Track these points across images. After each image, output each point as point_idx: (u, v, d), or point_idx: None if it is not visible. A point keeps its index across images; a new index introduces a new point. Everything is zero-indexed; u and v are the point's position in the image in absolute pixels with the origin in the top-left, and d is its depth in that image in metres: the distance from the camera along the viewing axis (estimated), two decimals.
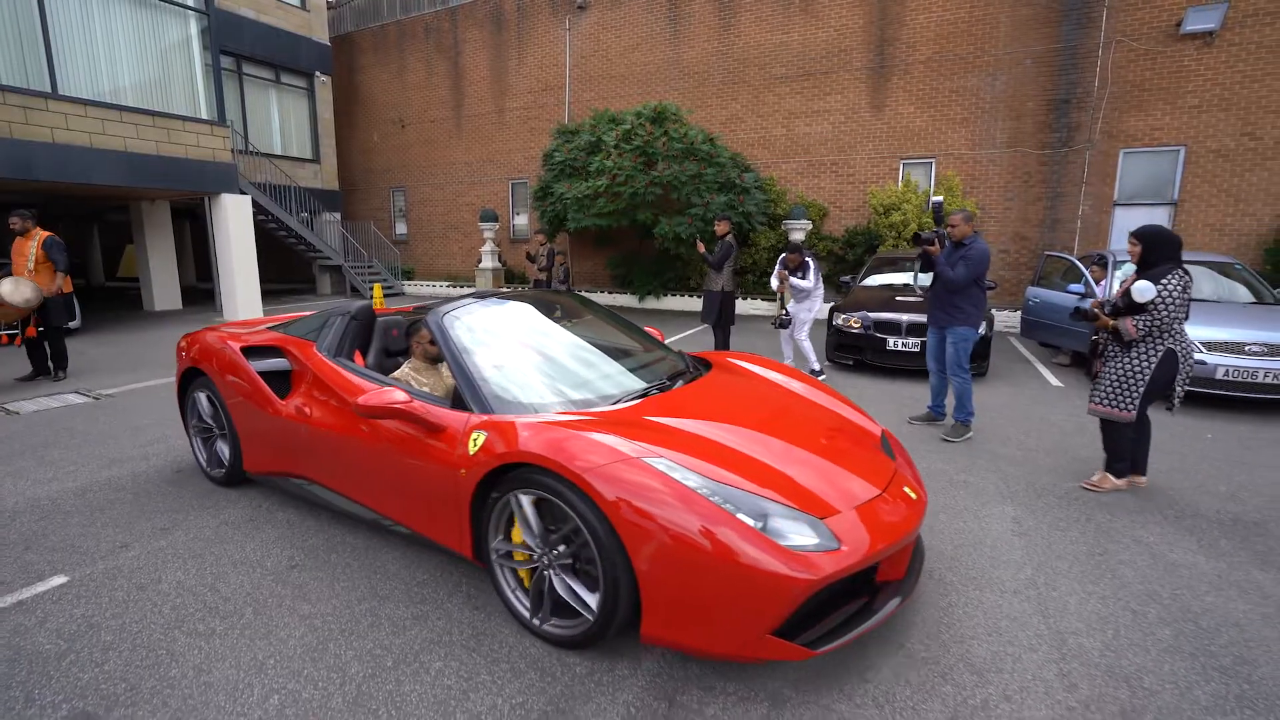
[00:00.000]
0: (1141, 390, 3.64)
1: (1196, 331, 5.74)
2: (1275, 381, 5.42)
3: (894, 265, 8.29)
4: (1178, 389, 3.66)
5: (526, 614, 2.50)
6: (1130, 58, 10.23)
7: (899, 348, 6.72)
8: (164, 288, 13.76)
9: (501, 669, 2.32)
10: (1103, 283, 6.86)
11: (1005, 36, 10.94)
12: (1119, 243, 10.57)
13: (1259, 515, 3.62)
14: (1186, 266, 3.58)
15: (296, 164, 16.18)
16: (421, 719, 2.08)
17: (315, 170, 16.78)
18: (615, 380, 3.14)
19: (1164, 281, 3.47)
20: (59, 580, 2.93)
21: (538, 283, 11.21)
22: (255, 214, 12.84)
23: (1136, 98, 10.26)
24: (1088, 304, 3.94)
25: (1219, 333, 5.69)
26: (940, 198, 5.11)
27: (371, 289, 13.95)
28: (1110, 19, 10.25)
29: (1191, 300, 5.63)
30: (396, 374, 3.34)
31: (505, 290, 3.88)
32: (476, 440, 2.54)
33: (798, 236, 11.53)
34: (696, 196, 10.52)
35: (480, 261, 15.54)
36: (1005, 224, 11.21)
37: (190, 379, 4.09)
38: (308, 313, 4.64)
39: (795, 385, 3.40)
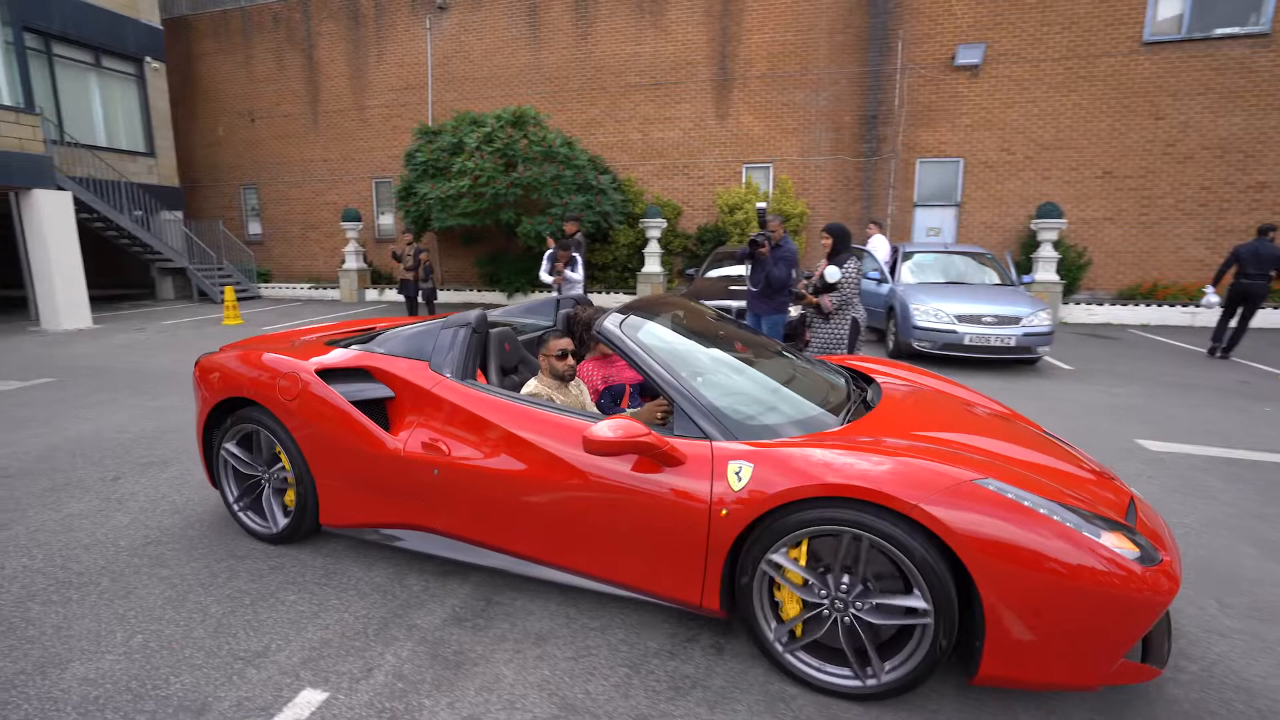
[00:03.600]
0: (845, 352, 4.81)
1: (949, 306, 7.18)
2: (1002, 344, 6.96)
3: (732, 259, 9.36)
4: (859, 349, 4.98)
5: (816, 672, 2.22)
6: (920, 83, 12.12)
7: None
8: None
9: (349, 594, 2.79)
10: (881, 270, 8.32)
11: (825, 58, 12.51)
12: (919, 236, 12.51)
13: None
14: (927, 254, 4.77)
15: (126, 157, 14.83)
16: (276, 634, 2.51)
17: (150, 165, 15.46)
18: (813, 394, 2.83)
19: (845, 267, 4.60)
20: None
21: (405, 283, 11.28)
22: (77, 212, 11.74)
23: (926, 116, 12.18)
24: (797, 287, 5.06)
25: (966, 307, 7.16)
26: (764, 204, 5.89)
27: (222, 292, 13.22)
28: (905, 49, 12.07)
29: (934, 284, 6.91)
30: (525, 394, 2.93)
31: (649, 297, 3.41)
32: (741, 473, 2.18)
33: (654, 234, 12.50)
34: (555, 197, 11.11)
35: (344, 262, 15.15)
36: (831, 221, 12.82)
37: (220, 414, 3.31)
38: (349, 323, 4.23)
39: (952, 389, 3.35)
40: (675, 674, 2.30)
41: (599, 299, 13.42)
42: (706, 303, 7.74)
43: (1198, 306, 9.15)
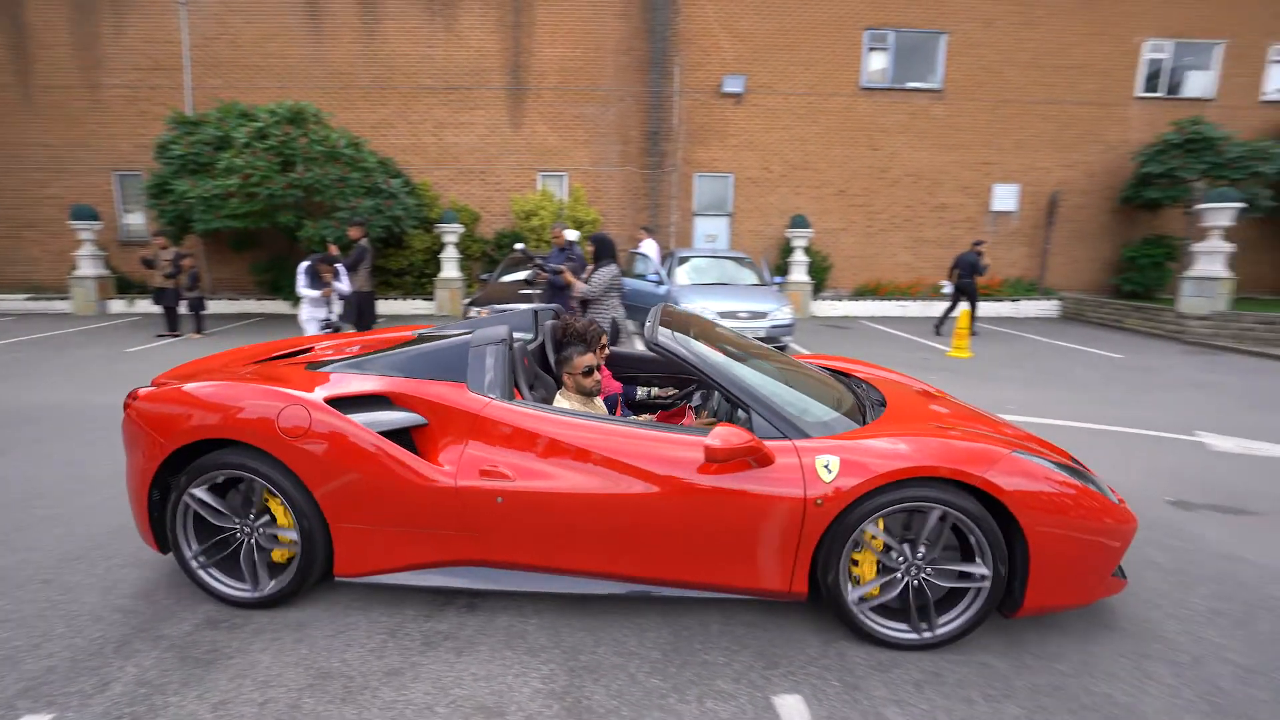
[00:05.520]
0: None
1: (714, 304, 8.29)
2: (753, 336, 8.20)
3: (527, 263, 9.75)
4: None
5: (880, 628, 2.54)
6: (695, 105, 13.59)
7: None
8: None
9: (81, 620, 2.67)
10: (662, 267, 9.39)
11: (612, 76, 13.45)
12: (699, 242, 14.02)
13: None
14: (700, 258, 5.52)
15: None
16: None
17: None
18: (824, 391, 3.06)
19: (603, 271, 5.30)
20: None
21: (162, 291, 10.00)
22: None
23: (701, 135, 13.69)
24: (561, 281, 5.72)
25: (726, 304, 8.32)
26: (522, 245, 6.67)
27: None
28: (681, 75, 13.44)
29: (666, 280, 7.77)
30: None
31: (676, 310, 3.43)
32: (830, 466, 2.41)
33: (450, 239, 12.47)
34: (342, 200, 10.60)
35: (76, 268, 12.84)
36: (623, 228, 13.82)
37: (178, 461, 2.75)
38: (279, 343, 3.81)
39: (902, 379, 3.79)
40: (430, 632, 2.62)
41: (395, 305, 13.03)
42: (498, 306, 8.06)
43: (939, 295, 12.26)
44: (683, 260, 9.83)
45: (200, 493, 2.70)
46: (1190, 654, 2.56)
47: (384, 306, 12.76)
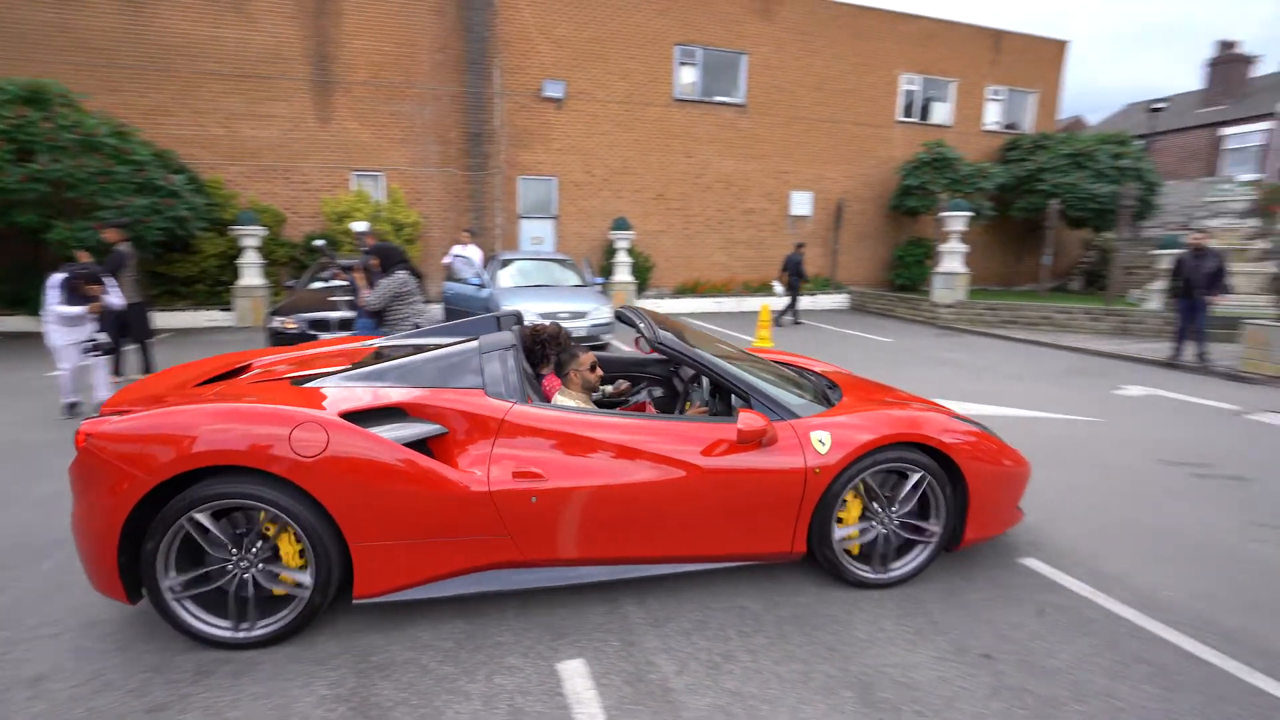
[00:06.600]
0: None
1: (535, 305, 8.45)
2: (577, 335, 8.50)
3: (331, 263, 9.16)
4: None
5: (870, 573, 3.04)
6: (517, 108, 13.63)
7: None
8: None
9: None
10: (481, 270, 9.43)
11: (427, 74, 13.03)
12: (525, 244, 14.11)
13: None
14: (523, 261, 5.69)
15: None
16: None
17: None
18: (791, 380, 3.44)
19: (395, 279, 5.22)
20: None
21: None
22: None
23: (524, 138, 13.77)
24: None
25: (547, 306, 8.53)
26: (322, 241, 6.28)
27: None
28: (501, 76, 13.40)
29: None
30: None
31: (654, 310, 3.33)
32: (823, 441, 2.84)
33: (250, 242, 11.33)
34: (106, 197, 9.17)
35: None
36: (445, 231, 13.48)
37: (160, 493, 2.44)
38: (225, 357, 3.55)
39: (845, 370, 4.37)
40: (204, 660, 2.50)
41: (186, 317, 11.53)
42: (304, 315, 7.54)
43: (773, 294, 13.57)
44: (506, 263, 9.88)
45: (177, 580, 2.51)
46: (912, 581, 3.20)
47: (173, 319, 11.24)
